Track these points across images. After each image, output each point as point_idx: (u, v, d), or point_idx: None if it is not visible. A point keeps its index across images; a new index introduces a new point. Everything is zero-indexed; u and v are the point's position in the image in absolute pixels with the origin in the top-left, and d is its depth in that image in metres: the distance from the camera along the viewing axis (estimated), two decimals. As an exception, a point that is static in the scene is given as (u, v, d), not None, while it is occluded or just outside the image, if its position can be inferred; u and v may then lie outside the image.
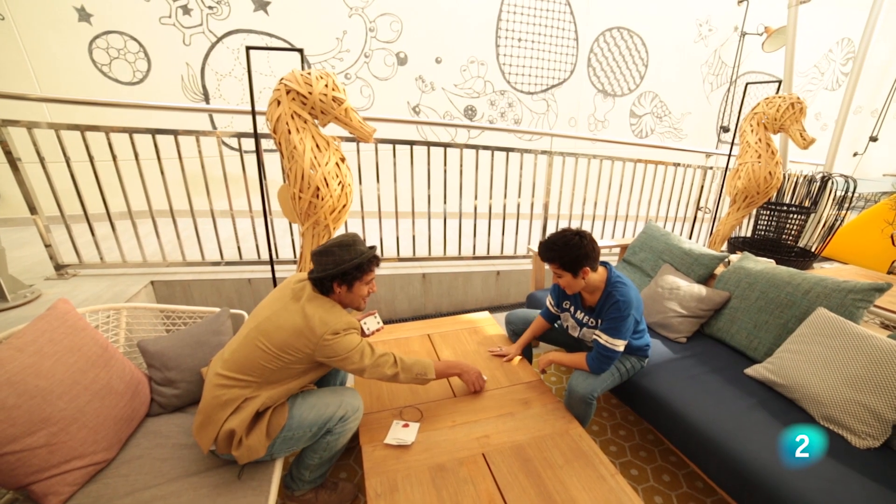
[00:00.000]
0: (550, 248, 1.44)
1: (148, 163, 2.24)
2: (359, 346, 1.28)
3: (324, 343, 1.22)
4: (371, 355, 1.31)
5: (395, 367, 1.35)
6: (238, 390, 1.20)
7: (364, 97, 4.05)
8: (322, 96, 1.77)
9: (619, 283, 1.47)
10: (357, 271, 1.29)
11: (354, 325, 1.30)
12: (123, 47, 3.47)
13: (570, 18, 4.42)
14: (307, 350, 1.23)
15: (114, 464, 1.27)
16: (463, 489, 1.15)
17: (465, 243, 2.98)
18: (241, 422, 1.17)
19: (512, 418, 1.42)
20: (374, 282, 1.40)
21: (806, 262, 3.33)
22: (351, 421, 1.29)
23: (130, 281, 2.31)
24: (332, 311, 1.28)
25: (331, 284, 1.30)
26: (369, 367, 1.30)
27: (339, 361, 1.26)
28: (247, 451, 1.18)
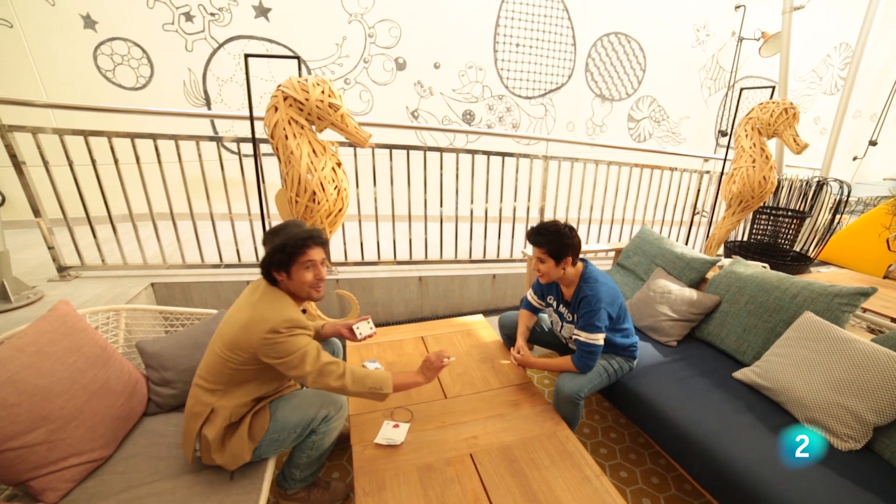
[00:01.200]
0: (541, 232, 1.49)
1: (149, 166, 2.28)
2: (301, 351, 1.17)
3: (263, 341, 1.14)
4: (314, 362, 1.18)
5: (341, 378, 1.20)
6: (207, 396, 1.21)
7: (363, 102, 4.10)
8: (318, 103, 1.81)
9: (591, 278, 1.52)
10: (282, 254, 1.20)
11: (299, 322, 1.19)
12: (127, 53, 3.53)
13: (568, 24, 4.46)
14: (250, 349, 1.16)
15: (111, 461, 1.30)
16: (449, 488, 1.17)
17: (462, 247, 3.01)
18: (216, 433, 1.18)
19: (501, 419, 1.45)
20: (319, 266, 1.27)
21: (802, 267, 3.34)
22: (334, 420, 1.30)
23: (131, 283, 2.35)
24: (276, 306, 1.20)
25: (271, 274, 1.24)
26: (312, 374, 1.17)
27: (280, 365, 1.17)
28: (231, 457, 1.19)
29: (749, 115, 2.93)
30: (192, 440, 1.22)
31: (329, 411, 1.29)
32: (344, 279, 2.64)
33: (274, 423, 1.25)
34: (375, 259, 2.80)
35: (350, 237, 2.75)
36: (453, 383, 1.64)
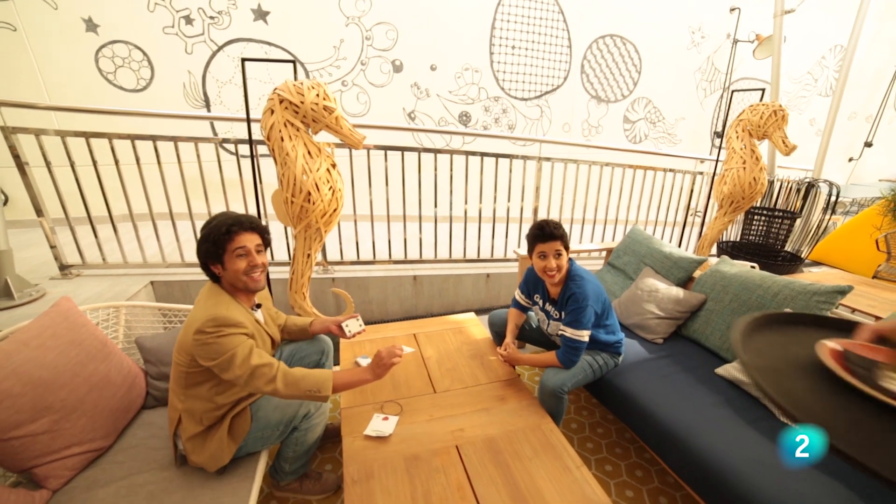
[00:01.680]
0: (557, 226, 1.54)
1: (149, 167, 2.34)
2: (229, 353, 1.11)
3: (193, 343, 1.12)
4: (243, 364, 1.12)
5: (272, 382, 1.14)
6: (175, 401, 1.24)
7: (361, 104, 4.16)
8: (314, 105, 1.86)
9: (578, 276, 1.56)
10: (209, 244, 1.17)
11: (227, 321, 1.13)
12: (128, 56, 3.59)
13: (564, 26, 4.51)
14: (188, 350, 1.14)
15: (110, 451, 1.36)
16: (434, 477, 1.22)
17: (456, 246, 3.06)
18: (188, 437, 1.21)
19: (487, 413, 1.49)
20: (253, 254, 1.22)
21: (794, 266, 3.39)
22: (315, 417, 1.34)
23: (131, 281, 2.40)
24: (207, 305, 1.16)
25: (208, 268, 1.22)
26: (242, 377, 1.12)
27: (213, 367, 1.13)
28: (210, 458, 1.21)
29: (740, 117, 2.98)
30: (173, 442, 1.27)
31: (309, 409, 1.33)
32: (340, 278, 2.69)
33: (256, 422, 1.28)
34: (371, 258, 2.85)
35: (346, 237, 2.80)
36: (442, 378, 1.69)
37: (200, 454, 1.21)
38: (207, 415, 1.23)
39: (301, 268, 2.13)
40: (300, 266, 2.12)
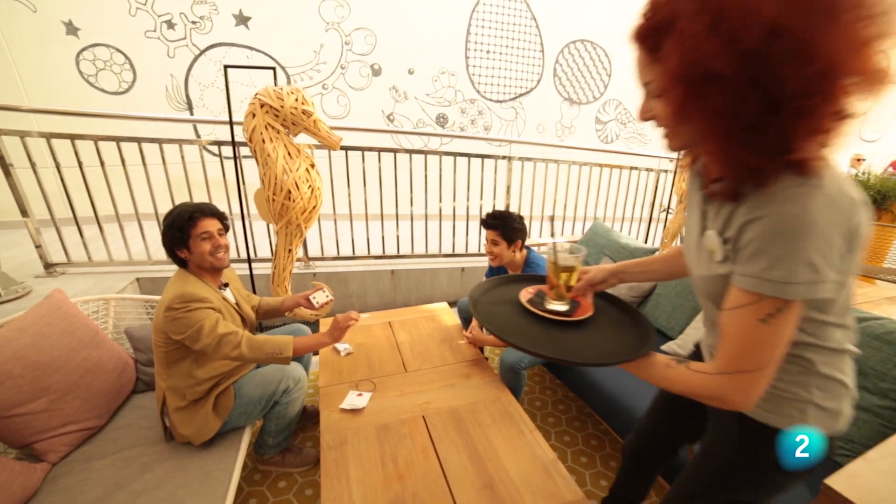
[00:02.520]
0: (496, 216, 1.71)
1: (134, 168, 2.43)
2: (197, 325, 1.24)
3: (164, 320, 1.25)
4: (210, 334, 1.24)
5: (238, 347, 1.27)
6: (159, 381, 1.38)
7: (340, 106, 4.28)
8: (293, 109, 1.99)
9: (534, 263, 1.74)
10: (174, 230, 1.30)
11: (194, 296, 1.25)
12: (110, 59, 3.65)
13: (536, 32, 4.71)
14: (162, 329, 1.27)
15: (104, 430, 1.47)
16: (402, 442, 1.37)
17: (432, 242, 3.21)
18: (173, 411, 1.33)
19: (452, 388, 1.65)
20: (216, 236, 1.35)
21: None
22: (294, 391, 1.48)
23: (117, 278, 2.49)
24: (175, 285, 1.29)
25: (175, 254, 1.34)
26: (211, 346, 1.25)
27: (185, 340, 1.25)
28: (196, 432, 1.34)
29: (696, 118, 3.20)
30: (161, 420, 1.40)
31: (288, 384, 1.47)
32: (321, 272, 2.82)
33: (240, 398, 1.41)
34: (351, 254, 2.99)
35: (326, 234, 2.93)
36: (414, 359, 1.84)
37: (188, 427, 1.34)
38: (190, 390, 1.35)
39: (283, 262, 2.25)
40: (282, 261, 2.25)
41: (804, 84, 0.48)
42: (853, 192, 0.55)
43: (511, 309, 0.92)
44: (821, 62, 0.47)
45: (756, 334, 0.57)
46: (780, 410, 0.69)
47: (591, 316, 0.89)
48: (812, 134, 0.51)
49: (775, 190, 0.54)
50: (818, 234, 0.52)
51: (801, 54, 0.47)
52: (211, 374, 1.39)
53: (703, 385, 0.62)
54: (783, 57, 0.47)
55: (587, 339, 0.83)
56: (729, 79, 0.49)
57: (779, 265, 0.53)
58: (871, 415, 1.24)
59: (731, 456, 0.76)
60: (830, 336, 0.65)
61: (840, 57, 0.47)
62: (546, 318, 0.87)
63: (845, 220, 0.53)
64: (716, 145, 0.56)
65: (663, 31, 0.54)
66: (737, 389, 0.60)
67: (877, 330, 1.32)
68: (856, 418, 1.26)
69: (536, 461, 1.30)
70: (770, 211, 0.54)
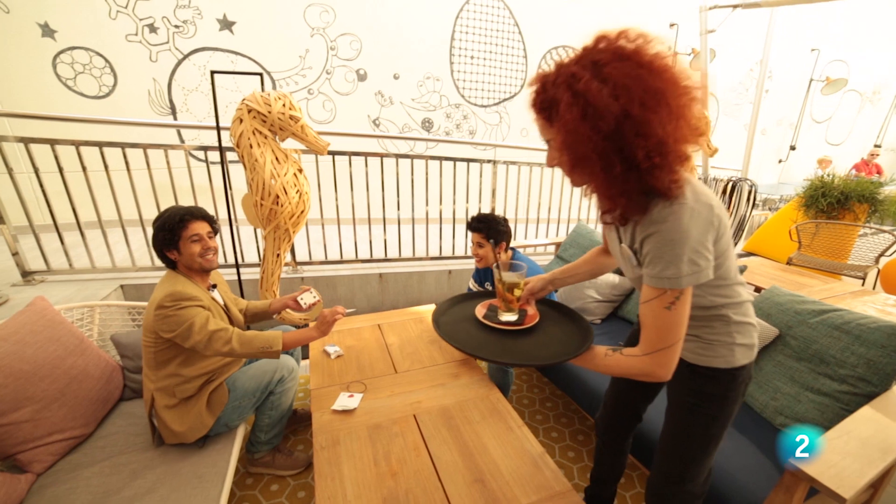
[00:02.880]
0: (480, 219, 1.76)
1: (117, 173, 2.40)
2: (188, 322, 1.27)
3: (155, 318, 1.28)
4: (201, 330, 1.28)
5: (228, 343, 1.31)
6: (147, 382, 1.39)
7: (326, 111, 4.29)
8: (280, 115, 2.01)
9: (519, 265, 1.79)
10: (165, 232, 1.33)
11: (184, 295, 1.29)
12: (89, 62, 3.58)
13: (519, 38, 4.82)
14: (152, 328, 1.30)
15: (91, 438, 1.46)
16: (394, 441, 1.40)
17: (419, 245, 3.25)
18: (163, 409, 1.34)
19: (442, 387, 1.69)
20: (206, 239, 1.39)
21: (725, 257, 3.78)
22: (288, 381, 1.51)
23: (99, 285, 2.45)
24: (165, 284, 1.33)
25: (164, 255, 1.37)
26: (202, 342, 1.29)
27: (175, 338, 1.29)
28: (189, 429, 1.35)
29: (672, 123, 3.33)
30: (150, 423, 1.41)
31: (283, 373, 1.50)
32: (309, 277, 2.82)
33: (234, 392, 1.44)
34: (338, 258, 3.00)
35: (314, 239, 2.94)
36: (403, 360, 1.87)
37: (181, 424, 1.35)
38: (179, 388, 1.36)
39: (271, 267, 2.26)
40: (270, 266, 2.25)
41: (649, 151, 0.69)
42: (709, 198, 0.76)
43: (470, 325, 1.06)
44: (657, 135, 0.68)
45: (666, 320, 0.76)
46: (716, 353, 0.90)
47: (538, 322, 1.05)
48: (665, 176, 0.72)
49: (654, 213, 0.75)
50: (692, 239, 0.72)
51: (643, 132, 0.68)
52: (200, 372, 1.40)
53: (634, 365, 0.80)
54: (632, 135, 0.68)
55: (539, 343, 0.98)
56: (599, 151, 0.70)
57: (670, 266, 0.73)
58: (832, 399, 1.33)
59: (691, 400, 0.95)
60: (737, 293, 0.88)
61: (669, 129, 0.68)
62: (501, 329, 1.01)
63: (708, 221, 0.74)
64: (599, 190, 0.79)
65: (551, 108, 0.73)
66: (658, 364, 0.78)
67: (836, 321, 1.42)
68: (818, 403, 1.35)
69: (525, 455, 1.34)
70: (655, 229, 0.74)
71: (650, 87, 0.67)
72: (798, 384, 1.42)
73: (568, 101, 0.69)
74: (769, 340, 1.54)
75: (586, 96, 0.67)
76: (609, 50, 0.69)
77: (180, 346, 1.34)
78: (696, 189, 0.76)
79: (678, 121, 0.69)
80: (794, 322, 1.52)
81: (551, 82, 0.73)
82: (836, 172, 3.89)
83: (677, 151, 0.71)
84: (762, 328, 1.56)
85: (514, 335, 1.01)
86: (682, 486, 1.02)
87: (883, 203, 3.67)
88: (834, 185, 3.70)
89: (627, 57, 0.68)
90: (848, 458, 0.99)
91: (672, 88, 0.68)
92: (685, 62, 0.68)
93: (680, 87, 0.69)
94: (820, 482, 0.91)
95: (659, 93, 0.67)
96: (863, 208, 3.67)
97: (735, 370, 0.90)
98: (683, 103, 0.69)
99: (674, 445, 1.02)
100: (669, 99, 0.67)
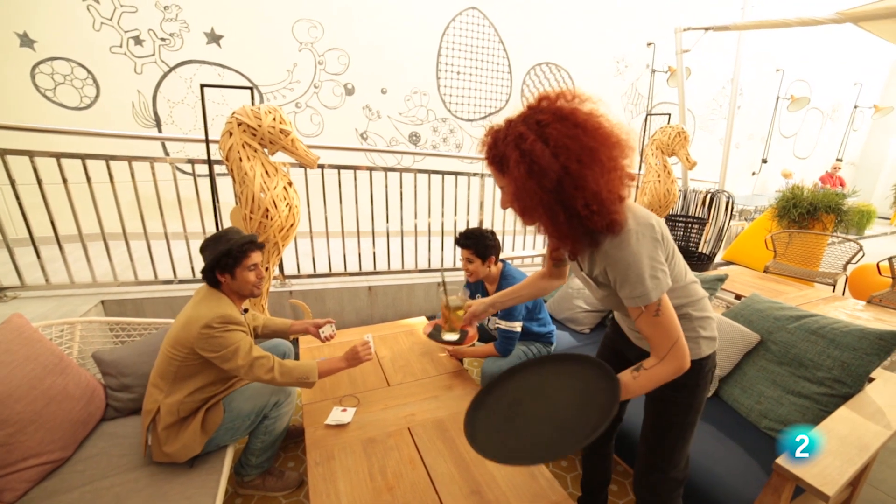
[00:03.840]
0: (468, 236, 1.78)
1: (100, 186, 2.34)
2: (234, 346, 1.30)
3: (199, 336, 1.28)
4: (246, 356, 1.32)
5: (271, 372, 1.35)
6: (156, 394, 1.36)
7: (314, 125, 4.30)
8: (270, 129, 2.01)
9: (510, 276, 1.83)
10: (229, 258, 1.35)
11: (232, 318, 1.32)
12: (70, 73, 3.51)
13: (504, 54, 4.96)
14: (189, 345, 1.30)
15: (70, 462, 1.39)
16: (389, 455, 1.39)
17: (408, 258, 3.25)
18: (164, 427, 1.31)
19: (436, 400, 1.69)
20: (260, 267, 1.44)
21: (705, 265, 3.91)
22: (285, 405, 1.48)
23: (79, 301, 2.36)
24: (212, 305, 1.33)
25: (214, 276, 1.38)
26: (244, 367, 1.31)
27: (216, 358, 1.31)
28: (182, 448, 1.32)
29: (653, 137, 3.46)
30: (145, 435, 1.36)
31: (280, 398, 1.47)
32: (297, 290, 2.79)
33: (229, 413, 1.40)
34: (327, 271, 2.98)
35: (303, 252, 2.91)
36: (395, 373, 1.86)
37: (173, 444, 1.30)
38: (184, 406, 1.33)
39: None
40: (258, 279, 2.22)
41: (587, 201, 0.78)
42: (648, 217, 0.87)
43: (499, 428, 0.98)
44: (592, 188, 0.77)
45: (660, 326, 0.85)
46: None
47: (558, 386, 1.00)
48: (604, 220, 0.81)
49: (606, 245, 0.85)
50: (644, 257, 0.83)
51: (580, 185, 0.77)
52: (210, 394, 1.40)
53: (662, 372, 0.87)
54: (571, 188, 0.77)
55: (573, 405, 0.93)
56: (544, 203, 0.79)
57: (637, 286, 0.83)
58: (812, 401, 1.38)
59: (669, 393, 1.02)
60: (694, 292, 0.99)
61: (603, 182, 0.78)
62: (522, 426, 0.94)
63: (653, 238, 0.85)
64: (548, 233, 0.89)
65: (502, 161, 0.82)
66: (678, 358, 0.86)
67: (812, 326, 1.49)
68: (799, 405, 1.41)
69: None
70: (611, 259, 0.84)
71: (585, 145, 0.76)
72: (780, 387, 1.47)
73: (516, 158, 0.78)
74: (751, 346, 1.60)
75: (531, 155, 0.76)
76: (550, 110, 0.79)
77: (208, 365, 1.35)
78: (636, 212, 0.86)
79: (610, 173, 0.79)
80: (773, 328, 1.58)
81: (501, 139, 0.81)
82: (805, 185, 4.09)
83: (612, 198, 0.80)
84: (745, 334, 1.62)
85: (536, 418, 0.94)
86: (667, 474, 1.09)
87: (847, 213, 3.88)
88: (804, 197, 3.89)
89: (565, 117, 0.78)
90: (829, 457, 1.03)
91: (604, 146, 0.78)
92: (615, 117, 0.75)
93: (611, 144, 0.79)
94: (805, 481, 0.95)
95: (593, 150, 0.76)
96: (830, 218, 3.86)
97: (703, 360, 1.00)
98: (614, 156, 0.79)
99: (656, 437, 1.09)
100: (602, 155, 0.77)
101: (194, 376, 1.37)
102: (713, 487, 1.22)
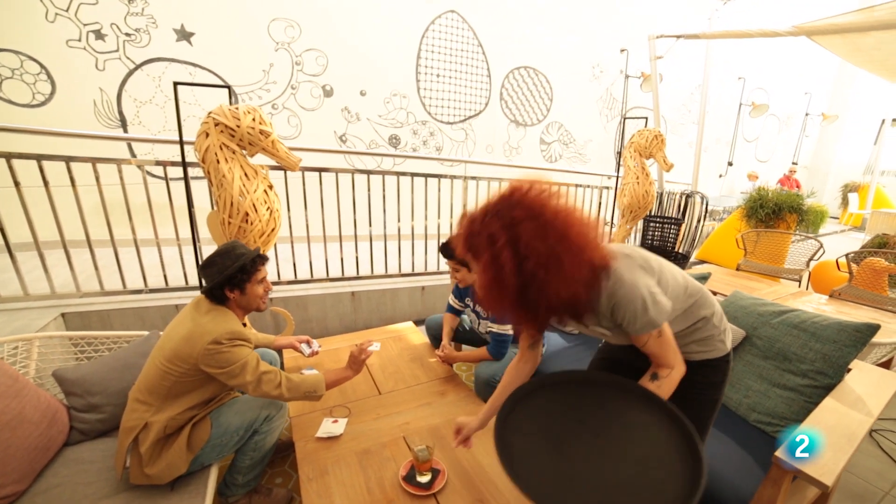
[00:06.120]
0: (451, 245, 1.74)
1: (59, 190, 2.17)
2: (242, 361, 1.26)
3: (205, 352, 1.23)
4: (254, 372, 1.28)
5: (279, 387, 1.32)
6: (140, 413, 1.25)
7: (291, 127, 4.18)
8: (250, 129, 1.92)
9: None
10: (242, 273, 1.33)
11: (241, 334, 1.29)
12: (20, 67, 3.25)
13: (483, 58, 4.99)
14: (192, 360, 1.24)
15: (26, 495, 1.24)
16: (386, 466, 1.34)
17: (392, 262, 3.19)
18: (148, 446, 1.21)
19: (429, 407, 1.64)
20: (267, 280, 1.43)
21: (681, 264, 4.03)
22: (276, 420, 1.40)
23: (34, 314, 2.17)
24: (220, 319, 1.29)
25: (222, 293, 1.33)
26: (252, 383, 1.28)
27: (221, 374, 1.26)
28: (166, 468, 1.22)
29: (631, 140, 3.54)
30: (124, 455, 1.24)
31: (270, 412, 1.39)
32: (278, 297, 2.68)
33: (217, 428, 1.31)
34: (308, 277, 2.88)
35: (283, 258, 2.81)
36: (386, 381, 1.81)
37: (157, 464, 1.21)
38: (172, 422, 1.25)
39: (238, 288, 2.12)
40: (237, 286, 2.11)
41: (549, 304, 0.83)
42: (627, 249, 0.95)
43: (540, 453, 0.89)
44: (555, 293, 0.81)
45: (663, 345, 0.93)
46: (713, 347, 1.06)
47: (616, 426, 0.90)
48: (577, 303, 0.88)
49: (602, 287, 0.88)
50: (642, 289, 0.88)
51: (544, 291, 0.81)
52: (203, 412, 1.34)
53: (676, 379, 0.96)
54: (535, 292, 0.81)
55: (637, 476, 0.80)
56: (508, 304, 0.85)
57: (643, 316, 0.88)
58: (797, 394, 1.43)
59: (698, 390, 1.07)
60: (705, 296, 1.05)
61: (563, 289, 0.81)
62: (579, 473, 0.81)
63: (642, 268, 0.92)
64: (516, 323, 1.01)
65: (476, 252, 0.85)
66: (681, 364, 0.96)
67: (793, 320, 1.54)
68: (785, 397, 1.45)
69: (521, 470, 1.33)
70: (613, 300, 0.88)
71: (553, 252, 0.79)
72: (766, 381, 1.52)
73: (486, 260, 0.82)
74: (738, 341, 1.65)
75: (499, 260, 0.80)
76: (524, 205, 0.82)
77: (208, 381, 1.30)
78: (615, 250, 0.92)
79: (571, 283, 0.82)
80: (758, 323, 1.63)
81: (476, 232, 0.84)
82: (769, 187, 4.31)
83: (574, 298, 0.84)
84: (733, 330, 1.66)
85: (603, 454, 0.84)
86: None
87: (807, 213, 4.11)
88: (769, 198, 4.09)
89: (536, 216, 0.81)
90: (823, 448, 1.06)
91: (568, 253, 0.81)
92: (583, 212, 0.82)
93: (574, 248, 0.81)
94: (805, 472, 0.97)
95: (559, 258, 0.80)
96: (793, 218, 4.08)
97: (727, 356, 1.08)
98: (578, 263, 0.82)
99: None
100: (566, 261, 0.80)
101: (190, 392, 1.29)
102: (714, 483, 1.23)
